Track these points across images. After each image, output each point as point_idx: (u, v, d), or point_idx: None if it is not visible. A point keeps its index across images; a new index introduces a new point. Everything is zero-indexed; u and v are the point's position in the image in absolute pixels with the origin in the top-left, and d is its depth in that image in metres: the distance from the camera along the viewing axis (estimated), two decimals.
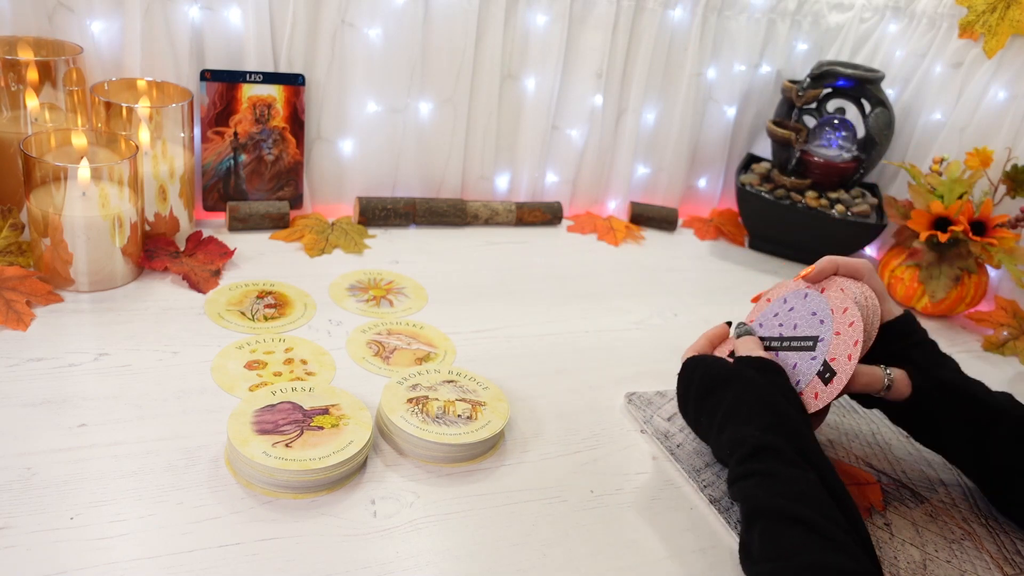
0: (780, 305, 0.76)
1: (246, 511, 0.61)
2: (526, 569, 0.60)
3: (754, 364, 0.69)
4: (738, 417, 0.65)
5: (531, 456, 0.73)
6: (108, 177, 0.84)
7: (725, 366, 0.70)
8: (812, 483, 0.58)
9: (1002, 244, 1.07)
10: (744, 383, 0.67)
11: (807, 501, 0.56)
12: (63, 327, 0.79)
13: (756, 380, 0.67)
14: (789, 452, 0.60)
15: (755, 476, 0.59)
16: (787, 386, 0.68)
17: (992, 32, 1.17)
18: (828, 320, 0.71)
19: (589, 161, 1.26)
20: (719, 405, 0.67)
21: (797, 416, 0.64)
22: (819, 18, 1.36)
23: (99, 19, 0.94)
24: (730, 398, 0.66)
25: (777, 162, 1.29)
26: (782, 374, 0.69)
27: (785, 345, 0.73)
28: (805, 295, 0.74)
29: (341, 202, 1.15)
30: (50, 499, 0.59)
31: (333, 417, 0.68)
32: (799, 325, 0.73)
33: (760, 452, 0.60)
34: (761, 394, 0.65)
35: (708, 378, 0.70)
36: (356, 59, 1.06)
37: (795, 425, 0.63)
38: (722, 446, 0.65)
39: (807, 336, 0.71)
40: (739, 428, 0.63)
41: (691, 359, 0.74)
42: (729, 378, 0.68)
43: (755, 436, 0.61)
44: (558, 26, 1.15)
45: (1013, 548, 0.70)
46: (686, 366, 0.74)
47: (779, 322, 0.75)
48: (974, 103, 1.19)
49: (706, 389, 0.70)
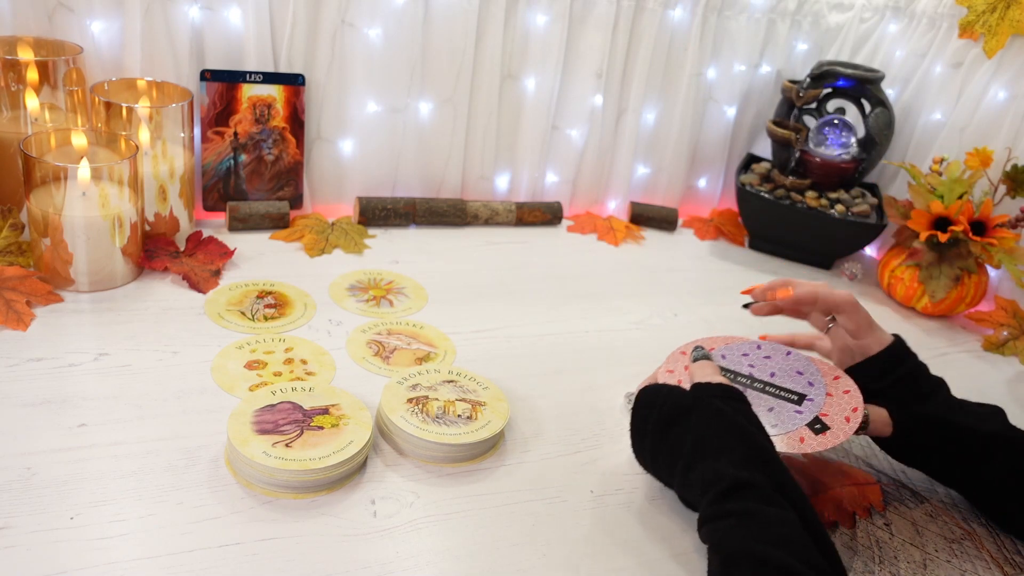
0: (752, 348, 0.75)
1: (246, 511, 0.61)
2: (526, 569, 0.60)
3: (715, 392, 0.65)
4: (708, 451, 0.59)
5: (531, 456, 0.73)
6: (108, 177, 0.83)
7: (685, 395, 0.65)
8: (792, 524, 0.53)
9: (1002, 244, 1.07)
10: (709, 413, 0.62)
11: (788, 546, 0.51)
12: (63, 327, 0.79)
13: (721, 409, 0.62)
14: (767, 488, 0.55)
15: (732, 517, 0.54)
16: (750, 413, 0.64)
17: (992, 32, 1.17)
18: (819, 383, 0.71)
19: (589, 161, 1.26)
20: (683, 438, 0.62)
21: (770, 447, 0.60)
22: (819, 18, 1.36)
23: (99, 19, 0.94)
24: (696, 430, 0.61)
25: (777, 162, 1.29)
26: (744, 401, 0.65)
27: (758, 387, 0.71)
28: (788, 352, 0.74)
29: (341, 202, 1.14)
30: (50, 499, 0.59)
31: (333, 417, 0.68)
32: (777, 375, 0.72)
33: (737, 490, 0.55)
34: (729, 424, 0.61)
35: (668, 408, 0.64)
36: (356, 59, 1.06)
37: (769, 457, 0.59)
38: (690, 485, 0.61)
39: (790, 390, 0.71)
40: (711, 464, 0.58)
41: (645, 389, 0.68)
42: (691, 407, 0.63)
43: (731, 472, 0.56)
44: (558, 26, 1.15)
45: (1013, 548, 0.70)
46: (640, 398, 0.68)
47: (749, 363, 0.74)
48: (974, 103, 1.19)
49: (666, 421, 0.64)
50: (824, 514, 0.69)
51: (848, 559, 0.65)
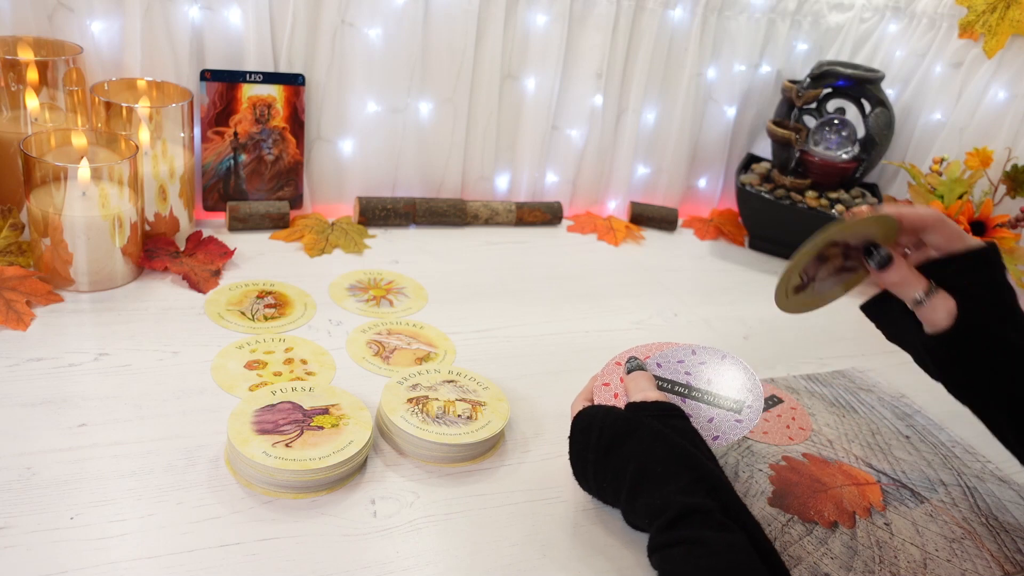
0: (687, 354, 0.72)
1: (246, 511, 0.61)
2: (526, 569, 0.60)
3: (651, 411, 0.62)
4: (652, 479, 0.57)
5: (531, 456, 0.73)
6: (108, 177, 0.83)
7: (622, 417, 0.62)
8: (743, 548, 0.52)
9: (1002, 244, 1.07)
10: (649, 437, 0.59)
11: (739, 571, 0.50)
12: (63, 327, 0.79)
13: (660, 432, 0.59)
14: (716, 513, 0.54)
15: (682, 544, 0.52)
16: (690, 430, 0.62)
17: (992, 32, 1.17)
18: (757, 389, 0.68)
19: (589, 161, 1.26)
20: (624, 465, 0.59)
21: (714, 468, 0.58)
22: (819, 18, 1.36)
23: (99, 19, 0.94)
24: (637, 457, 0.59)
25: (777, 162, 1.29)
26: (682, 416, 0.63)
27: (696, 396, 0.69)
28: (723, 356, 0.72)
29: (341, 202, 1.15)
30: (50, 499, 0.59)
31: (333, 417, 0.68)
32: (714, 381, 0.70)
33: (685, 517, 0.54)
34: (671, 448, 0.58)
35: (606, 435, 0.61)
36: (356, 59, 1.06)
37: (715, 480, 0.57)
38: (636, 512, 0.59)
39: (728, 398, 0.68)
40: (655, 492, 0.56)
41: (580, 415, 0.65)
42: (630, 431, 0.61)
43: (678, 500, 0.54)
44: (558, 26, 1.15)
45: (1014, 547, 0.70)
46: (577, 423, 0.64)
47: (686, 370, 0.71)
48: (974, 103, 1.20)
49: (604, 449, 0.61)
50: (824, 514, 0.70)
51: (848, 559, 0.65)
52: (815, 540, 0.67)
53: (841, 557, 0.65)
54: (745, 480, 0.73)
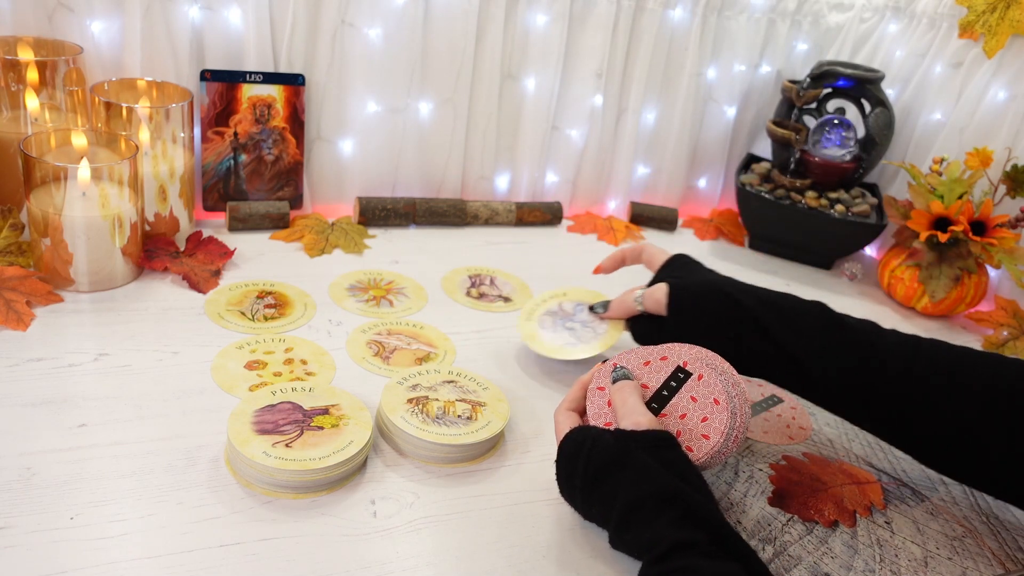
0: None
1: (246, 511, 0.61)
2: (526, 570, 0.60)
3: (642, 444, 0.60)
4: (641, 513, 0.56)
5: (531, 456, 0.73)
6: (108, 177, 0.83)
7: (611, 449, 0.60)
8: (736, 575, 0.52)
9: (1002, 244, 1.07)
10: (638, 471, 0.58)
11: None
12: (63, 327, 0.79)
13: (650, 466, 0.58)
14: (707, 545, 0.53)
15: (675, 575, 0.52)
16: (682, 460, 0.60)
17: (992, 32, 1.17)
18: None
19: (589, 161, 1.26)
20: (612, 500, 0.59)
21: (704, 500, 0.57)
22: (819, 18, 1.36)
23: (99, 19, 0.94)
24: (627, 491, 0.58)
25: (777, 162, 1.29)
26: (674, 447, 0.61)
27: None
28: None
29: (341, 202, 1.14)
30: (50, 499, 0.59)
31: (333, 417, 0.68)
32: None
33: (677, 550, 0.53)
34: (660, 484, 0.57)
35: (594, 464, 0.60)
36: (356, 59, 1.06)
37: (707, 513, 0.56)
38: (626, 544, 0.59)
39: None
40: (645, 528, 0.56)
41: (568, 439, 0.63)
42: (618, 464, 0.59)
43: (668, 534, 0.54)
44: (558, 26, 1.15)
45: (1015, 544, 0.70)
46: (564, 449, 0.63)
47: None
48: (974, 103, 1.19)
49: (593, 478, 0.60)
50: (825, 512, 0.69)
51: (849, 558, 0.65)
52: (816, 539, 0.67)
53: (842, 556, 0.65)
54: (745, 480, 0.73)
